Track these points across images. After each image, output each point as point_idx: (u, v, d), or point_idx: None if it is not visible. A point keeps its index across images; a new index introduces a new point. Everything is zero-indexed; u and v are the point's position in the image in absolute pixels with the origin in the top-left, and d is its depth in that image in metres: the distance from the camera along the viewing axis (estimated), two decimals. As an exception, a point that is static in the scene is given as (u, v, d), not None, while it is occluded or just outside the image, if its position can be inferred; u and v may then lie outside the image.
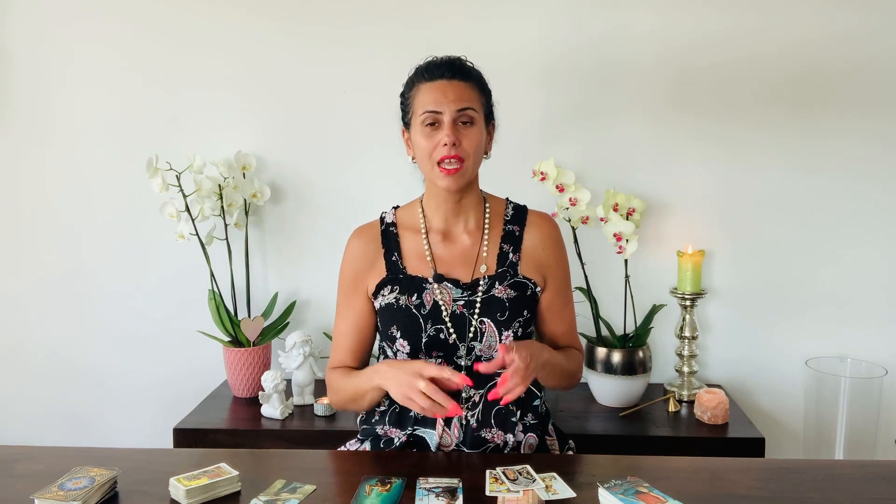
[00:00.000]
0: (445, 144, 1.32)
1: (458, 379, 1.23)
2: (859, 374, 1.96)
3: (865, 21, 1.97)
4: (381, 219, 1.49)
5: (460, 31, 2.01)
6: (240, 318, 2.05)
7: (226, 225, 2.05)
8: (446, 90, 1.34)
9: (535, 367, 1.29)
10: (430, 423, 1.36)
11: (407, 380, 1.25)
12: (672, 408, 1.92)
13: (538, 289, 1.42)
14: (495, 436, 1.36)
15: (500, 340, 1.36)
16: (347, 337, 1.46)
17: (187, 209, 1.97)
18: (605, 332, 2.01)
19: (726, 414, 1.84)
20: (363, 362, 1.49)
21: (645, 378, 1.96)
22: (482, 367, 1.27)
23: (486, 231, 1.44)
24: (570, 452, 1.49)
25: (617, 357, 1.93)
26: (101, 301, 2.21)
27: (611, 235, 1.90)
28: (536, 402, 1.41)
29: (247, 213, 2.10)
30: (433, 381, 1.24)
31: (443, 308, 1.37)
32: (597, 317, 1.99)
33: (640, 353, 1.94)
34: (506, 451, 1.36)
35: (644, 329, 1.99)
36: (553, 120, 2.06)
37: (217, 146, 2.08)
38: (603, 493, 1.09)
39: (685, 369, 2.02)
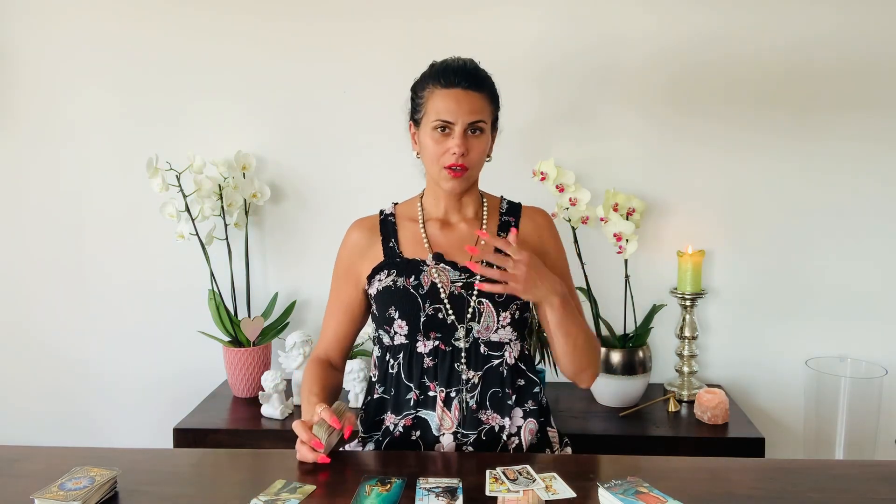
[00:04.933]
0: (454, 153, 1.35)
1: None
2: (859, 374, 1.96)
3: (864, 20, 1.97)
4: (381, 212, 1.53)
5: (460, 31, 2.01)
6: (240, 318, 2.05)
7: (226, 225, 2.05)
8: (461, 100, 1.35)
9: (536, 278, 1.28)
10: (430, 405, 1.37)
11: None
12: (672, 408, 1.92)
13: None
14: (491, 418, 1.37)
15: (498, 320, 1.37)
16: (335, 322, 1.50)
17: (187, 209, 1.97)
18: (605, 332, 2.01)
19: (726, 414, 1.84)
20: (345, 351, 1.53)
21: (645, 378, 1.96)
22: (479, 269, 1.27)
23: (484, 220, 1.47)
24: (568, 450, 1.49)
25: (617, 357, 1.93)
26: (102, 301, 2.21)
27: (611, 235, 1.90)
28: (536, 390, 1.42)
29: (247, 213, 2.10)
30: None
31: (441, 289, 1.38)
32: (597, 317, 1.99)
33: (640, 353, 1.95)
34: (506, 436, 1.37)
35: (644, 329, 1.99)
36: (553, 120, 2.06)
37: (217, 146, 2.08)
38: (603, 493, 1.09)
39: (685, 369, 2.02)
